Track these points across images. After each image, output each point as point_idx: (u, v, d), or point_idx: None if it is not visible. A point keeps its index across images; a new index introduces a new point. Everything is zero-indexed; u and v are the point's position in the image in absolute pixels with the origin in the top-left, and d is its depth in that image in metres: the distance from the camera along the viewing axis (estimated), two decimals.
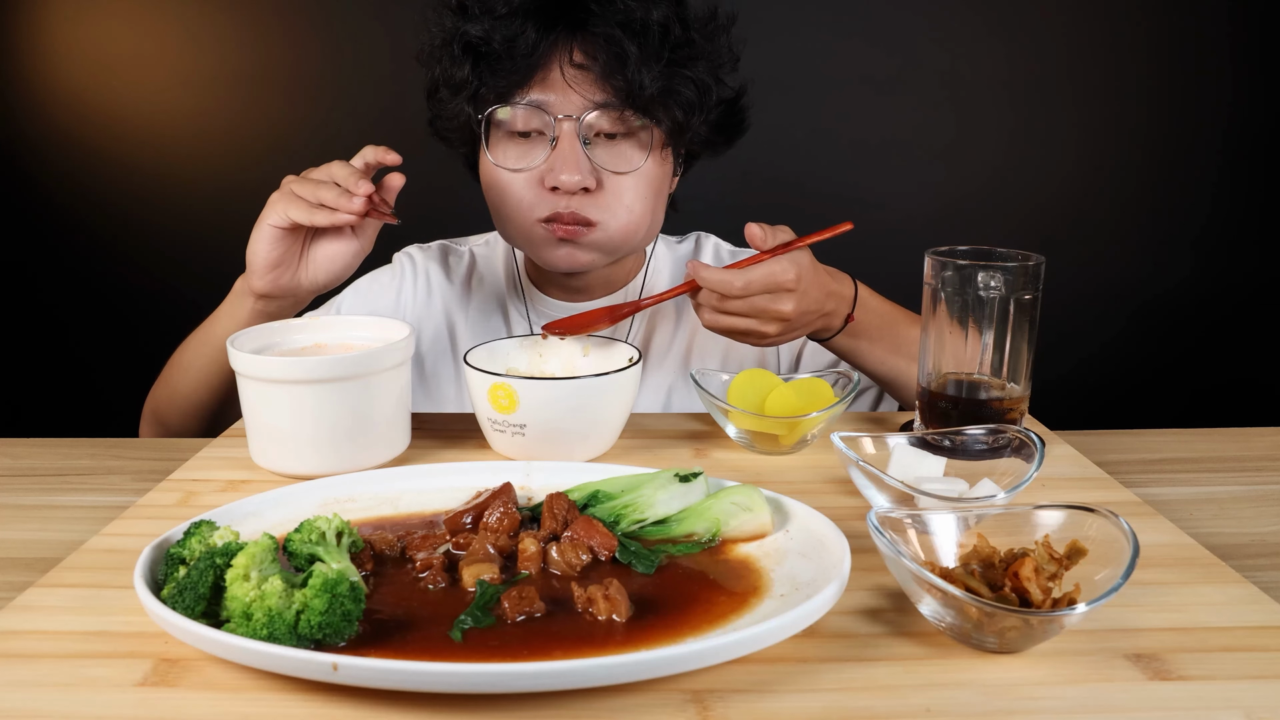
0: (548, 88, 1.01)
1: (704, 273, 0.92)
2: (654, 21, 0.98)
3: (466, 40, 1.00)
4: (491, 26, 0.98)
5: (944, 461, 0.77)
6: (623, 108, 1.01)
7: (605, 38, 0.98)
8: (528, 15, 0.98)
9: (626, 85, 0.98)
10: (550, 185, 1.01)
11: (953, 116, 2.02)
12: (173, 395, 1.09)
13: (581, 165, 1.00)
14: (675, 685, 0.54)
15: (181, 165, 2.03)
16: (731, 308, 0.93)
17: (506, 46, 0.99)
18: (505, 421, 0.85)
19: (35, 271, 2.08)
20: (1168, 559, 0.69)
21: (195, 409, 1.09)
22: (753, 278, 0.91)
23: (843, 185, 2.03)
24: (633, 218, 1.05)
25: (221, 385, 1.06)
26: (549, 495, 0.71)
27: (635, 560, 0.65)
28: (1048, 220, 2.07)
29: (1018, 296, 0.84)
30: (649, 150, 1.04)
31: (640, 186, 1.04)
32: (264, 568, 0.56)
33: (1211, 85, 2.02)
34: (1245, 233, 2.10)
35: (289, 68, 2.00)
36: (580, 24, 0.99)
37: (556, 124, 1.01)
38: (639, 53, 0.98)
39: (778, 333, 0.96)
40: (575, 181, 1.00)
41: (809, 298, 0.95)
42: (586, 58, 1.00)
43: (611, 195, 1.03)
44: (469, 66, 1.01)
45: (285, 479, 0.83)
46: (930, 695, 0.53)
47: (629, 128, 1.03)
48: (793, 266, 0.93)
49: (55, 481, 0.89)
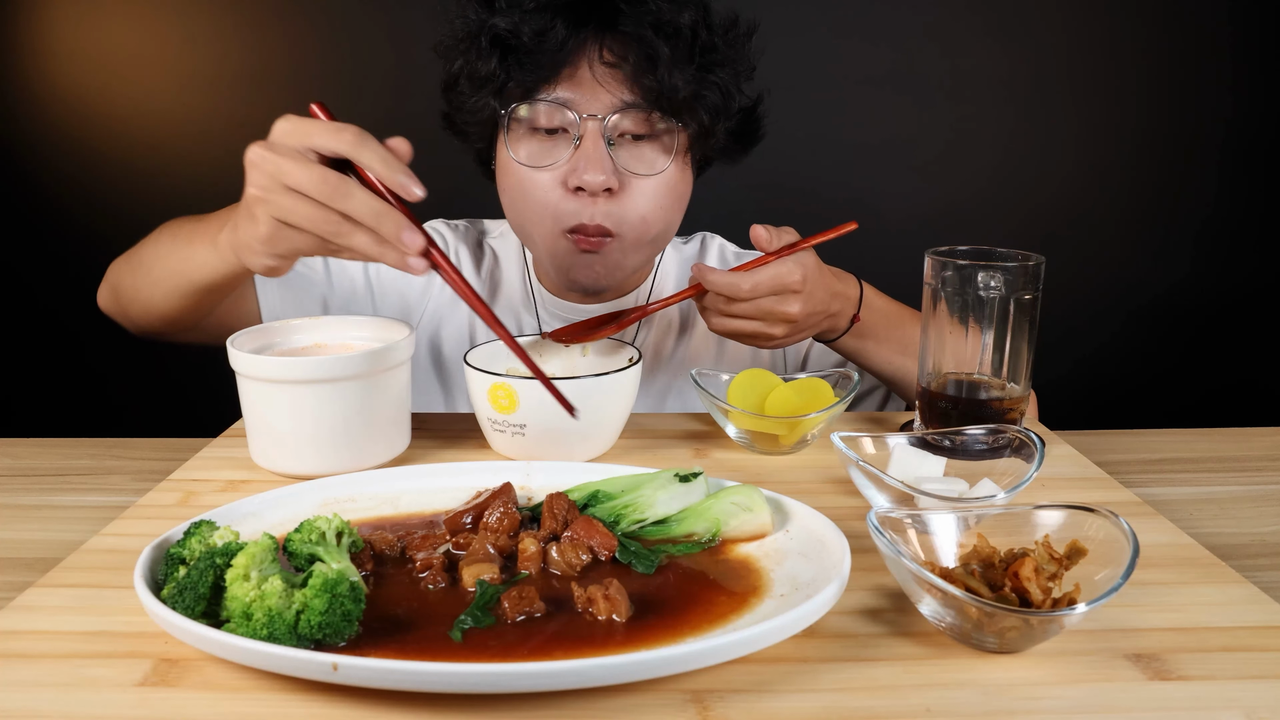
0: (575, 85, 0.99)
1: (710, 276, 0.92)
2: (684, 24, 0.96)
3: (495, 33, 0.97)
4: (520, 20, 0.96)
5: (944, 461, 0.77)
6: (651, 109, 0.99)
7: (636, 38, 0.96)
8: (557, 11, 0.96)
9: (658, 86, 0.97)
10: (574, 186, 0.99)
11: (952, 116, 2.02)
12: (136, 293, 1.03)
13: (606, 166, 0.98)
14: (675, 685, 0.54)
15: (181, 165, 2.03)
16: (738, 310, 0.93)
17: (536, 40, 0.96)
18: (505, 421, 0.85)
19: (34, 271, 2.08)
20: (1168, 559, 0.69)
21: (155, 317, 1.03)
22: (759, 280, 0.91)
23: (842, 185, 2.04)
24: (652, 221, 1.04)
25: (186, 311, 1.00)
26: (549, 495, 0.71)
27: (635, 560, 0.65)
28: (1048, 220, 2.07)
29: (1018, 296, 0.84)
30: (673, 153, 1.02)
31: (660, 190, 1.03)
32: (264, 568, 0.56)
33: (1211, 85, 2.02)
34: (1245, 233, 2.10)
35: (289, 68, 2.00)
36: (610, 22, 0.97)
37: (582, 123, 0.98)
38: (670, 54, 0.96)
39: (784, 335, 0.96)
40: (600, 182, 0.98)
41: (815, 299, 0.95)
42: (616, 57, 0.98)
43: (632, 197, 1.01)
44: (496, 60, 0.98)
45: (285, 479, 0.83)
46: (930, 695, 0.53)
47: (654, 130, 1.01)
48: (799, 268, 0.92)
49: (55, 481, 0.89)
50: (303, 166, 0.72)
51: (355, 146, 0.73)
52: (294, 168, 0.72)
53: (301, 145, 0.73)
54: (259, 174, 0.74)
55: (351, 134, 0.73)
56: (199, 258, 0.91)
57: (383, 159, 0.73)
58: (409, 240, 0.73)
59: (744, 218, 0.99)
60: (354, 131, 0.73)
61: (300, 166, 0.72)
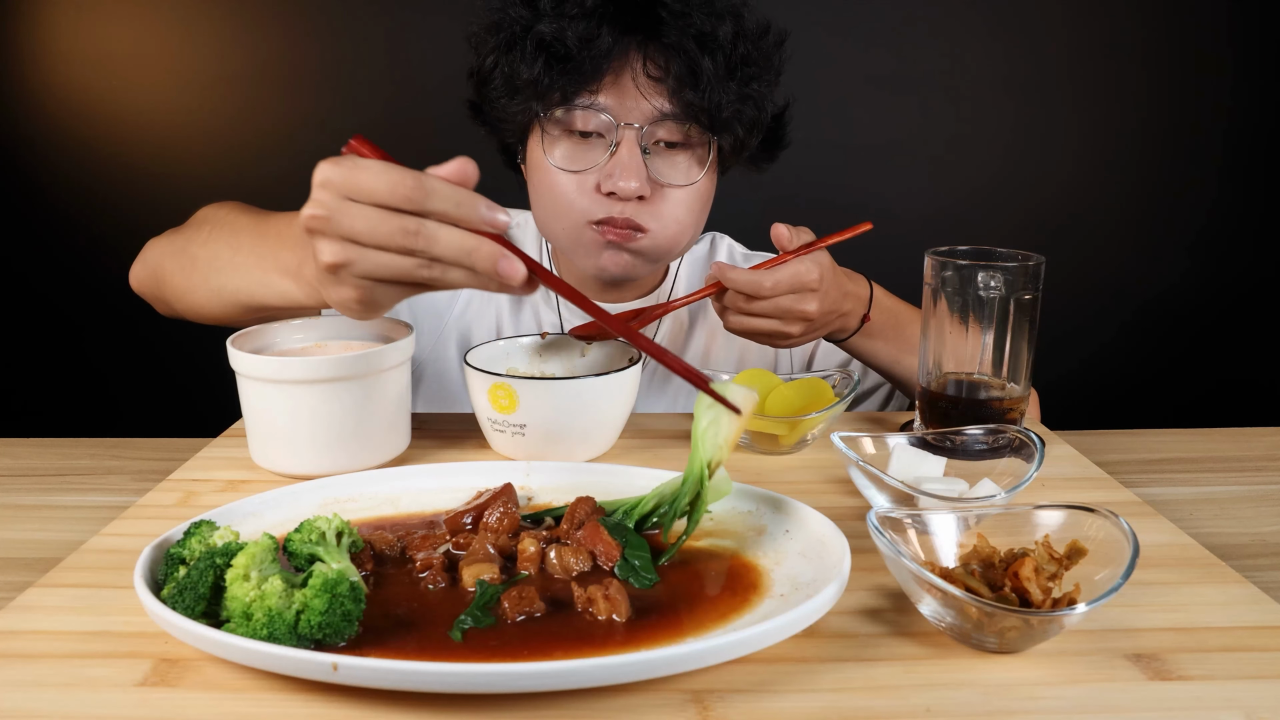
0: (616, 93, 0.98)
1: (731, 274, 0.92)
2: (725, 36, 0.96)
3: (541, 38, 0.96)
4: (566, 25, 0.95)
5: (944, 461, 0.77)
6: (690, 121, 0.99)
7: (680, 50, 0.96)
8: (603, 18, 0.95)
9: (700, 100, 0.97)
10: (607, 190, 1.00)
11: (953, 116, 2.02)
12: (184, 295, 0.96)
13: (640, 173, 0.98)
14: (675, 685, 0.54)
15: (181, 165, 2.03)
16: (757, 309, 0.93)
17: (582, 47, 0.95)
18: (505, 421, 0.85)
19: (35, 271, 2.09)
20: (1168, 559, 0.69)
21: (201, 318, 0.98)
22: (779, 278, 0.92)
23: (842, 186, 2.04)
24: (681, 229, 1.04)
25: (247, 320, 0.93)
26: (578, 498, 0.70)
27: (633, 576, 0.64)
28: (1048, 220, 2.07)
29: (1018, 296, 0.84)
30: (706, 164, 1.03)
31: (691, 199, 1.03)
32: (264, 568, 0.56)
33: (1211, 85, 2.02)
34: (1244, 232, 2.10)
35: (289, 68, 2.00)
36: (654, 33, 0.97)
37: (620, 130, 0.99)
38: (714, 69, 0.96)
39: (801, 333, 0.96)
40: (634, 189, 0.98)
41: (830, 298, 0.96)
42: (659, 67, 0.98)
43: (663, 204, 1.02)
44: (541, 65, 0.97)
45: (285, 479, 0.83)
46: (930, 695, 0.53)
47: (688, 139, 1.01)
48: (816, 267, 0.93)
49: (55, 481, 0.89)
50: (375, 219, 0.65)
51: (420, 199, 0.65)
52: (366, 224, 0.65)
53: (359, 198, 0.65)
54: (325, 241, 0.67)
55: (411, 184, 0.64)
56: (277, 287, 0.84)
57: (455, 202, 0.65)
58: (506, 270, 0.66)
59: (747, 219, 0.98)
60: (413, 179, 0.65)
61: (372, 220, 0.65)
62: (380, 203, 0.65)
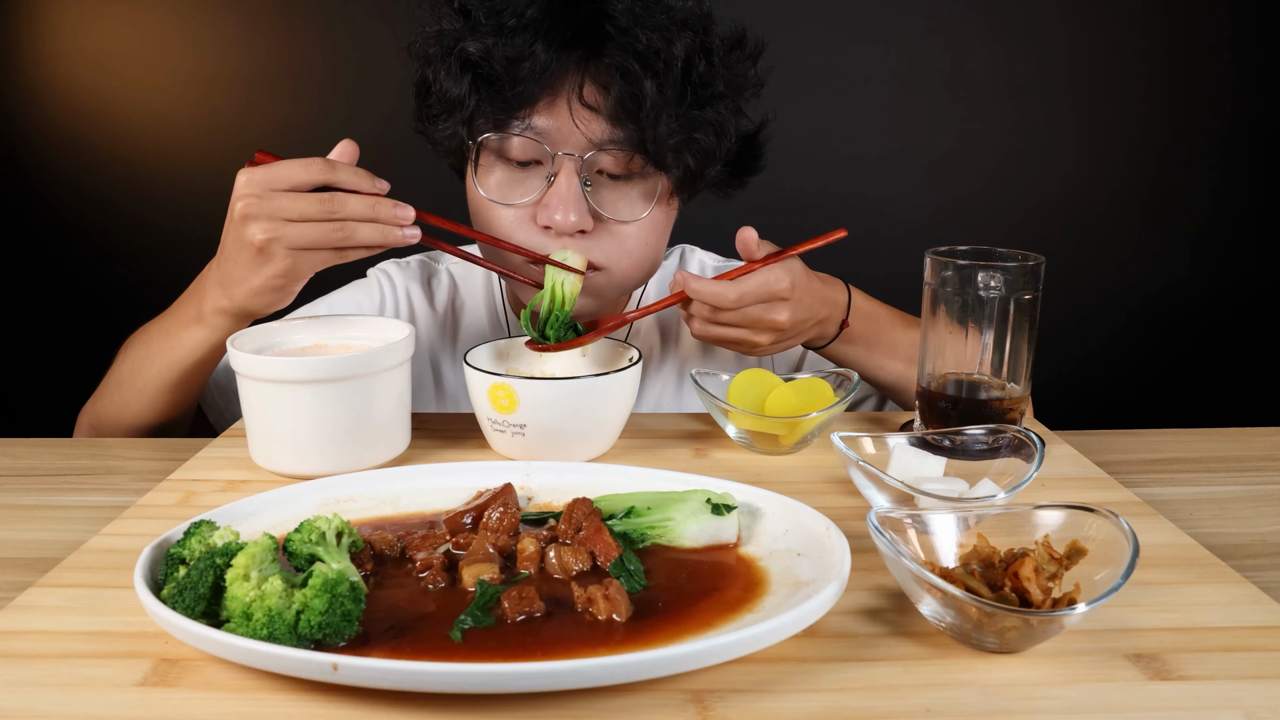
0: (552, 115, 0.91)
1: (695, 285, 0.89)
2: (676, 57, 0.88)
3: (465, 56, 0.89)
4: (494, 44, 0.88)
5: (944, 461, 0.77)
6: (632, 152, 0.92)
7: (621, 71, 0.88)
8: (538, 34, 0.87)
9: (639, 131, 0.89)
10: (543, 224, 0.93)
11: (953, 117, 2.02)
12: (121, 413, 1.00)
13: (579, 207, 0.91)
14: (675, 685, 0.54)
15: (181, 165, 2.03)
16: (724, 318, 0.91)
17: (508, 68, 0.88)
18: (505, 421, 0.85)
19: (35, 271, 2.09)
20: (1168, 559, 0.69)
21: (147, 427, 1.01)
22: (747, 289, 0.89)
23: (842, 186, 2.04)
24: (636, 263, 0.98)
25: (182, 403, 0.99)
26: (574, 499, 0.70)
27: (625, 578, 0.63)
28: (1048, 220, 2.07)
29: (1018, 296, 0.84)
30: (655, 198, 0.96)
31: (644, 233, 0.97)
32: (264, 568, 0.57)
33: (1211, 85, 2.02)
34: (1244, 232, 2.10)
35: (289, 68, 2.00)
36: (594, 51, 0.89)
37: (556, 160, 0.92)
38: (657, 94, 0.87)
39: (770, 342, 0.94)
40: (572, 223, 0.91)
41: (803, 305, 0.93)
42: (598, 91, 0.90)
43: (612, 240, 0.95)
44: (467, 84, 0.90)
45: (285, 479, 0.83)
46: (930, 695, 0.53)
47: (634, 170, 0.94)
48: (787, 275, 0.91)
49: (55, 481, 0.89)
50: (297, 199, 0.81)
51: (329, 172, 0.82)
52: (291, 203, 0.81)
53: (280, 187, 0.81)
54: (258, 223, 0.82)
55: (320, 163, 0.82)
56: (187, 342, 0.94)
57: (353, 170, 0.83)
58: (402, 214, 0.83)
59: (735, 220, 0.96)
60: (321, 160, 0.83)
61: (295, 200, 0.81)
62: (297, 186, 0.81)
